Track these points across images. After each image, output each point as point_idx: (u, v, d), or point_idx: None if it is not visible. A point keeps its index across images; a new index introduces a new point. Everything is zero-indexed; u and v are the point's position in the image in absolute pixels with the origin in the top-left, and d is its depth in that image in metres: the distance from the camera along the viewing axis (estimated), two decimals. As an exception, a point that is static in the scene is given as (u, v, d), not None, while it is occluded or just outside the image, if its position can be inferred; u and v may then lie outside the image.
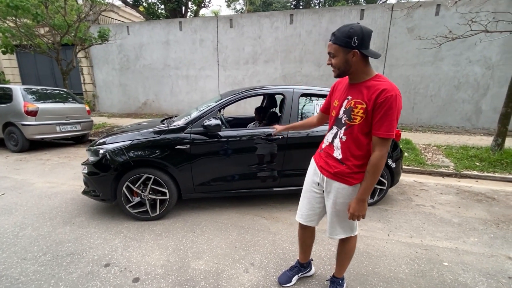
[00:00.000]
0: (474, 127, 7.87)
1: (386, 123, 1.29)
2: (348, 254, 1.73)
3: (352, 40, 1.28)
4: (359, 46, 1.30)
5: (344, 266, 1.79)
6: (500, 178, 4.26)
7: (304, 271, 1.96)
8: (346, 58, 1.34)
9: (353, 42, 1.28)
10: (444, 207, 3.20)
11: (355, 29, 1.29)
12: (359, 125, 1.38)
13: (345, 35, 1.29)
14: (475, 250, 2.34)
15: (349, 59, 1.33)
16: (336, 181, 1.51)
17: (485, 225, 2.78)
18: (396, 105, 1.27)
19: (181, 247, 2.33)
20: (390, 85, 1.30)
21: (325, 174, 1.56)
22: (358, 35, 1.28)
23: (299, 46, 8.76)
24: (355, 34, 1.28)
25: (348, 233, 1.63)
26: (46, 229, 2.59)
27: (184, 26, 9.65)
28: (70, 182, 3.87)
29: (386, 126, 1.29)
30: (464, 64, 7.62)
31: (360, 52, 1.31)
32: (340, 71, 1.39)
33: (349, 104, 1.41)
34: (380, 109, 1.29)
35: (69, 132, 5.85)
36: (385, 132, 1.30)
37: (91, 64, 10.93)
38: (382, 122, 1.29)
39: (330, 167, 1.53)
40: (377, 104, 1.29)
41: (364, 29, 1.30)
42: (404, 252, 2.30)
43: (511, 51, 7.09)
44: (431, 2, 7.45)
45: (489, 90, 7.56)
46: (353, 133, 1.41)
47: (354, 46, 1.29)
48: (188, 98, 10.23)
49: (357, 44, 1.29)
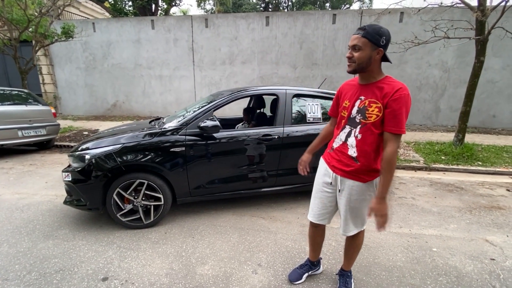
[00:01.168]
0: (434, 124, 8.65)
1: (398, 119, 1.36)
2: (357, 248, 1.81)
3: (381, 38, 1.36)
4: (385, 47, 1.38)
5: (353, 260, 1.87)
6: (463, 169, 4.74)
7: (314, 269, 2.02)
8: (371, 54, 1.38)
9: (382, 41, 1.36)
10: (423, 198, 3.48)
11: (385, 30, 1.38)
12: (374, 123, 1.44)
13: (376, 32, 1.35)
14: (457, 235, 2.59)
15: (373, 56, 1.39)
16: (350, 179, 1.55)
17: (460, 212, 3.08)
18: (407, 103, 1.36)
19: (183, 254, 2.25)
20: (403, 84, 1.39)
21: (338, 173, 1.59)
22: (386, 36, 1.37)
23: (275, 48, 8.90)
24: (384, 35, 1.36)
25: (359, 228, 1.68)
26: (25, 245, 2.33)
27: (157, 24, 9.28)
28: (43, 192, 3.52)
29: (398, 122, 1.36)
30: (424, 67, 8.35)
31: (384, 52, 1.39)
32: (359, 66, 1.42)
33: (363, 103, 1.47)
34: (394, 107, 1.36)
35: (33, 137, 5.30)
36: (397, 128, 1.37)
37: (51, 62, 10.01)
38: (395, 119, 1.36)
39: (344, 165, 1.56)
40: (392, 101, 1.36)
41: (389, 33, 1.40)
42: (398, 242, 2.46)
43: (464, 56, 7.92)
44: (396, 9, 8.05)
45: (446, 91, 8.37)
46: (368, 131, 1.46)
47: (381, 45, 1.37)
48: (162, 99, 9.85)
49: (384, 44, 1.37)
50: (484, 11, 4.67)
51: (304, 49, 8.75)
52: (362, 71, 1.45)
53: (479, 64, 5.02)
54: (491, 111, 8.22)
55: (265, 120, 3.65)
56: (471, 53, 6.78)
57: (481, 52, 4.97)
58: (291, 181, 3.01)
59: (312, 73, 8.90)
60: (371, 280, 1.96)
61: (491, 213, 3.05)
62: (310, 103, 3.10)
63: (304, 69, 8.91)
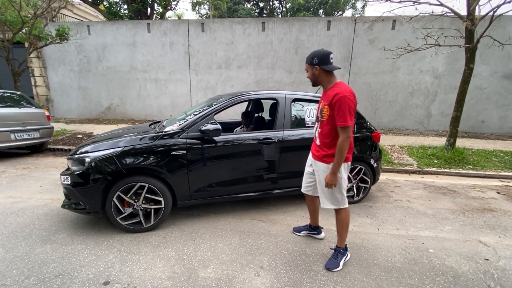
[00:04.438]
0: (426, 129, 8.85)
1: (340, 116, 1.82)
2: (341, 225, 2.15)
3: (313, 59, 1.91)
4: (319, 64, 1.90)
5: (341, 237, 2.18)
6: (455, 173, 4.87)
7: (312, 232, 2.53)
8: (312, 72, 1.96)
9: (315, 60, 1.91)
10: (418, 200, 3.57)
11: (316, 52, 1.93)
12: (327, 120, 1.96)
13: (310, 56, 1.94)
14: (451, 236, 2.66)
15: (315, 73, 1.95)
16: (319, 161, 2.08)
17: (454, 214, 3.16)
18: (345, 102, 1.80)
19: (184, 257, 2.25)
20: (341, 89, 1.84)
21: (313, 157, 2.16)
22: (318, 55, 1.90)
23: (271, 53, 9.00)
24: (316, 56, 1.91)
25: (335, 205, 2.09)
26: (22, 250, 2.29)
27: (153, 28, 9.28)
28: (38, 196, 3.46)
29: (341, 118, 1.82)
30: (416, 74, 8.57)
31: (320, 67, 1.91)
32: (312, 81, 2.02)
33: (321, 106, 2.02)
34: (336, 107, 1.84)
35: (26, 140, 5.20)
36: (341, 122, 1.83)
37: (44, 65, 9.87)
38: (339, 116, 1.83)
39: (316, 151, 2.12)
40: (333, 103, 1.85)
41: (323, 51, 1.92)
42: (395, 243, 2.51)
43: (454, 63, 8.17)
44: (389, 17, 8.27)
45: (437, 97, 8.60)
46: (324, 126, 2.00)
47: (315, 63, 1.91)
48: (157, 102, 9.80)
49: (317, 62, 1.90)
50: (473, 20, 4.85)
51: (299, 55, 8.88)
52: (316, 83, 2.02)
53: (468, 71, 5.20)
54: (480, 117, 8.47)
55: (264, 124, 3.69)
56: (460, 60, 7.01)
57: (470, 60, 5.15)
58: (290, 184, 3.04)
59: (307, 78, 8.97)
60: (371, 281, 2.00)
61: (483, 215, 3.14)
62: (308, 107, 3.15)
63: (299, 74, 9.03)
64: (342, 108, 1.80)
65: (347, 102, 1.80)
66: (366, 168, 3.35)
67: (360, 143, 3.32)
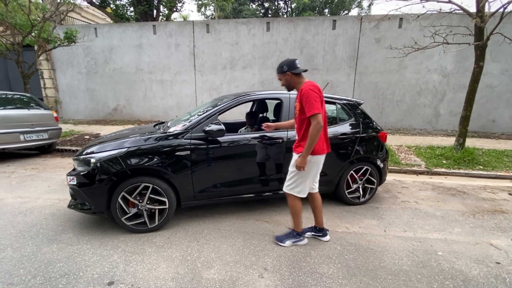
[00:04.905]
0: (434, 129, 8.70)
1: (308, 106, 2.04)
2: (291, 210, 2.41)
3: (283, 68, 2.20)
4: (289, 70, 2.18)
5: (293, 221, 2.45)
6: (465, 174, 4.76)
7: (317, 234, 2.56)
8: (285, 78, 2.23)
9: (284, 68, 2.20)
10: (426, 202, 3.49)
11: (284, 61, 2.22)
12: (298, 115, 2.22)
13: (280, 66, 2.23)
14: (461, 239, 2.59)
15: (287, 78, 2.23)
16: (294, 152, 2.29)
17: (463, 216, 3.09)
18: (308, 94, 2.04)
19: (188, 258, 2.24)
20: (305, 85, 2.11)
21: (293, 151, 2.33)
22: (286, 64, 2.19)
23: (276, 53, 8.98)
24: (284, 64, 2.20)
25: (289, 188, 2.31)
26: (30, 249, 2.32)
27: (158, 29, 9.36)
28: (45, 196, 3.51)
29: (309, 108, 2.04)
30: (424, 72, 8.43)
31: (290, 72, 2.18)
32: (286, 86, 2.30)
33: (296, 103, 2.27)
34: (303, 100, 2.08)
35: (35, 141, 5.30)
36: (310, 111, 2.04)
37: (53, 67, 10.06)
38: (307, 107, 2.05)
39: (294, 146, 2.31)
40: (300, 98, 2.12)
41: (289, 59, 2.22)
42: (402, 246, 2.46)
43: (463, 61, 8.01)
44: (395, 15, 8.15)
45: (446, 96, 8.44)
46: (297, 121, 2.26)
47: (285, 70, 2.20)
48: (163, 103, 9.88)
49: (287, 69, 2.18)
50: (482, 17, 4.74)
51: (304, 54, 8.83)
52: (290, 87, 2.30)
53: (478, 69, 5.08)
54: (490, 116, 8.28)
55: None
56: (470, 59, 6.87)
57: (480, 58, 5.03)
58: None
59: (312, 78, 8.87)
60: (378, 284, 1.95)
61: (494, 217, 3.06)
62: (313, 107, 3.11)
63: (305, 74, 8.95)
64: (307, 100, 2.04)
65: (310, 93, 2.04)
66: (372, 168, 3.30)
67: (366, 143, 3.27)
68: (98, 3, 11.88)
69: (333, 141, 3.08)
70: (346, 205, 3.32)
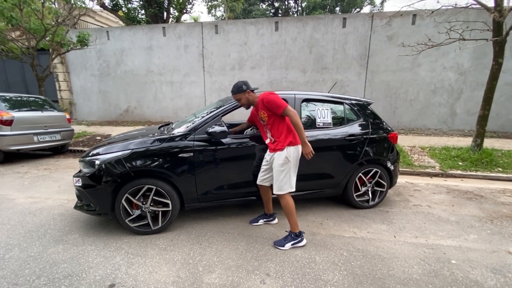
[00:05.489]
0: (450, 129, 8.36)
1: (275, 106, 2.26)
2: (286, 210, 2.40)
3: (242, 87, 2.39)
4: (248, 88, 2.40)
5: (290, 222, 2.42)
6: (483, 176, 4.53)
7: (268, 219, 2.83)
8: (246, 97, 2.42)
9: (243, 87, 2.39)
10: (440, 206, 3.33)
11: (239, 82, 2.41)
12: (268, 120, 2.38)
13: (238, 87, 2.39)
14: (477, 246, 2.44)
15: (248, 97, 2.43)
16: (276, 152, 2.38)
17: (480, 221, 2.92)
18: (268, 98, 2.28)
19: (190, 261, 2.22)
20: (261, 95, 2.37)
21: (271, 151, 2.45)
22: (244, 84, 2.40)
23: (285, 52, 8.89)
24: (243, 84, 2.39)
25: (279, 190, 2.37)
26: (36, 249, 2.36)
27: (168, 31, 9.46)
28: (55, 196, 3.58)
29: (276, 108, 2.25)
30: (439, 70, 8.11)
31: (249, 91, 2.41)
32: (246, 105, 2.49)
33: (259, 115, 2.44)
34: (268, 105, 2.30)
35: (48, 142, 5.46)
36: (279, 109, 2.25)
37: (67, 70, 10.35)
38: (275, 108, 2.27)
39: (274, 146, 2.41)
40: (265, 105, 2.32)
41: (243, 80, 2.45)
42: (413, 253, 2.34)
43: (481, 58, 7.66)
44: (408, 12, 7.90)
45: (462, 94, 8.09)
46: (271, 126, 2.40)
47: (245, 89, 2.39)
48: (172, 104, 9.98)
49: (246, 88, 2.39)
50: (501, 11, 4.50)
51: (313, 54, 8.70)
52: (249, 105, 2.50)
53: (497, 66, 4.83)
54: (510, 115, 7.88)
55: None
56: (488, 55, 6.55)
57: (499, 54, 4.78)
58: (300, 187, 2.92)
59: (322, 77, 8.82)
60: (386, 293, 1.86)
61: (514, 223, 2.87)
62: (320, 107, 3.04)
63: (314, 73, 8.85)
64: (272, 102, 2.26)
65: (271, 97, 2.29)
66: (382, 171, 3.18)
67: (376, 145, 3.16)
68: (111, 7, 12.13)
69: (340, 143, 3.02)
70: (354, 208, 3.21)
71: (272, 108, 2.28)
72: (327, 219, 2.98)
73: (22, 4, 5.81)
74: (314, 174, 2.97)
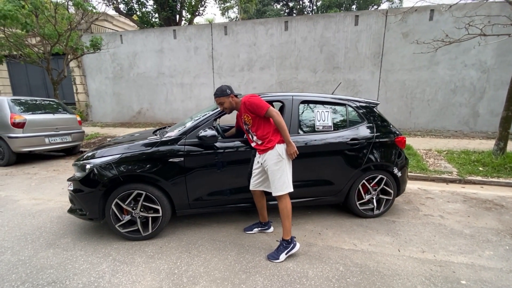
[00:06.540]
0: (472, 130, 7.82)
1: (257, 109, 2.23)
2: (282, 213, 2.28)
3: (226, 91, 2.34)
4: (232, 93, 2.36)
5: (285, 226, 2.29)
6: (505, 183, 4.14)
7: (263, 228, 2.70)
8: (229, 101, 2.37)
9: (227, 91, 2.34)
10: (453, 216, 3.05)
11: (223, 86, 2.35)
12: (253, 122, 2.32)
13: (221, 91, 2.34)
14: (492, 265, 2.18)
15: (231, 101, 2.38)
16: (267, 152, 2.30)
17: (498, 236, 2.63)
18: (250, 101, 2.24)
19: (176, 271, 2.13)
20: (243, 99, 2.31)
21: (261, 153, 2.35)
22: (228, 88, 2.35)
23: (295, 52, 8.70)
24: (226, 88, 2.34)
25: (279, 191, 2.25)
26: (27, 253, 2.37)
27: (178, 34, 9.56)
28: (57, 198, 3.64)
29: (259, 109, 2.22)
30: (459, 68, 7.62)
31: (233, 95, 2.37)
32: (229, 109, 2.42)
33: (243, 118, 2.39)
34: (251, 108, 2.26)
35: (58, 144, 5.62)
36: (262, 111, 2.21)
37: (83, 73, 10.73)
38: (257, 110, 2.23)
39: (263, 147, 2.31)
40: (247, 108, 2.28)
41: (227, 85, 2.38)
42: (418, 270, 2.12)
43: (505, 55, 7.10)
44: (425, 7, 7.47)
45: (486, 94, 7.55)
46: (256, 129, 2.33)
47: (229, 93, 2.35)
48: (183, 106, 10.07)
49: (230, 92, 2.35)
50: (528, 3, 4.10)
51: (324, 53, 8.45)
52: (233, 109, 2.44)
53: (523, 63, 4.41)
54: (541, 116, 7.23)
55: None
56: (514, 51, 6.05)
57: (525, 50, 4.36)
58: (298, 194, 2.77)
59: (333, 77, 8.55)
60: (381, 317, 1.67)
61: (539, 239, 2.56)
62: (319, 110, 2.87)
63: (325, 73, 8.59)
64: (255, 105, 2.23)
65: (252, 100, 2.24)
66: (388, 177, 2.95)
67: (381, 149, 2.94)
68: (125, 12, 12.46)
69: (341, 147, 2.83)
70: (357, 217, 3.01)
71: (254, 110, 2.25)
72: (327, 228, 2.80)
73: (37, 11, 6.03)
74: (310, 180, 2.81)
